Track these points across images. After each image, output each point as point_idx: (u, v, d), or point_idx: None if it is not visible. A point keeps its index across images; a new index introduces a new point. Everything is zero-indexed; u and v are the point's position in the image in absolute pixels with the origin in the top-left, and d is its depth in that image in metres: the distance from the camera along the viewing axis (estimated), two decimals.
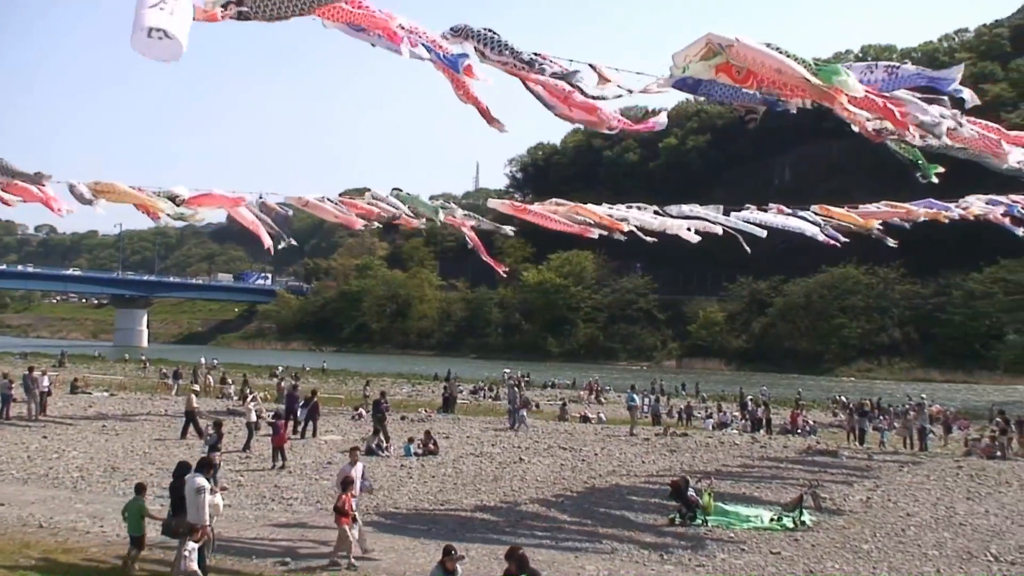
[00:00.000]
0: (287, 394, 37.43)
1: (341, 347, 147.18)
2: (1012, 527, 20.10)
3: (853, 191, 40.83)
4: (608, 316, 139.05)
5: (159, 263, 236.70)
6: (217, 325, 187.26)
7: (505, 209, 28.94)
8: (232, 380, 55.54)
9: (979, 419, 52.52)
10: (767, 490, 24.27)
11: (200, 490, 13.77)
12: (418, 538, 17.44)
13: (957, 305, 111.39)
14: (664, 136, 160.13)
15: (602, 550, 17.24)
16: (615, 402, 56.29)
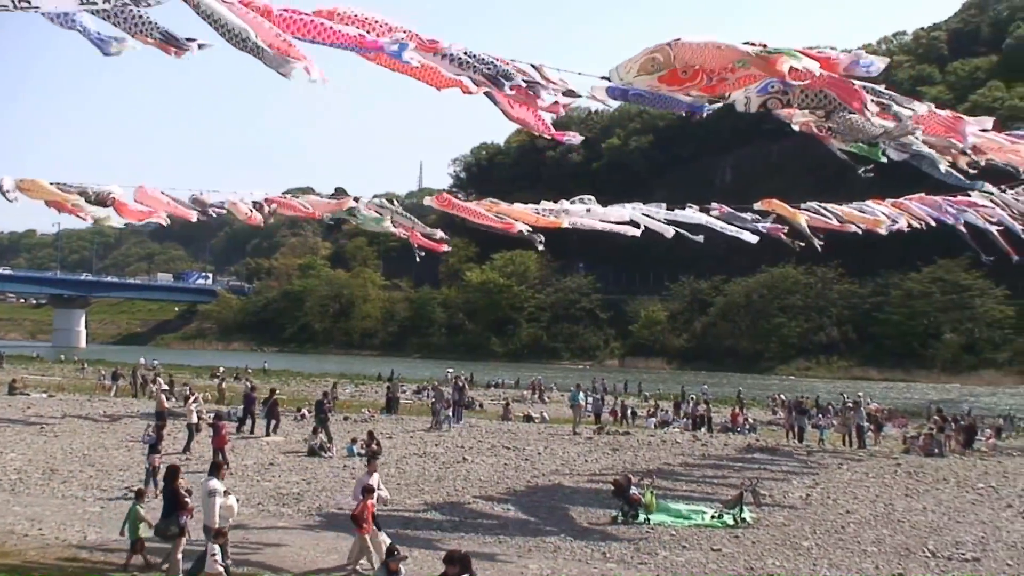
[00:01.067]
0: (244, 394, 37.31)
1: (283, 347, 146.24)
2: (950, 523, 20.49)
3: (793, 191, 41.22)
4: (551, 316, 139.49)
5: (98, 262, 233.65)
6: (157, 326, 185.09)
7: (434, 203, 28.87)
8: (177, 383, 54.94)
9: (917, 417, 53.38)
10: (708, 488, 24.55)
11: (212, 493, 13.83)
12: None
13: (895, 304, 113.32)
14: (607, 137, 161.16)
15: (545, 548, 17.36)
16: (558, 401, 56.49)
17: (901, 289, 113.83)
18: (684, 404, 50.97)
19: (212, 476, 14.21)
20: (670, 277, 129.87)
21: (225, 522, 13.91)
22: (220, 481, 14.24)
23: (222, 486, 14.11)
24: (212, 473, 14.35)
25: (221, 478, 14.46)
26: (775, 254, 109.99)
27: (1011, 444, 42.28)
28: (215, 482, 13.99)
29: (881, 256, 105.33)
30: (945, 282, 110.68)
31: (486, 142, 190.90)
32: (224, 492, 14.10)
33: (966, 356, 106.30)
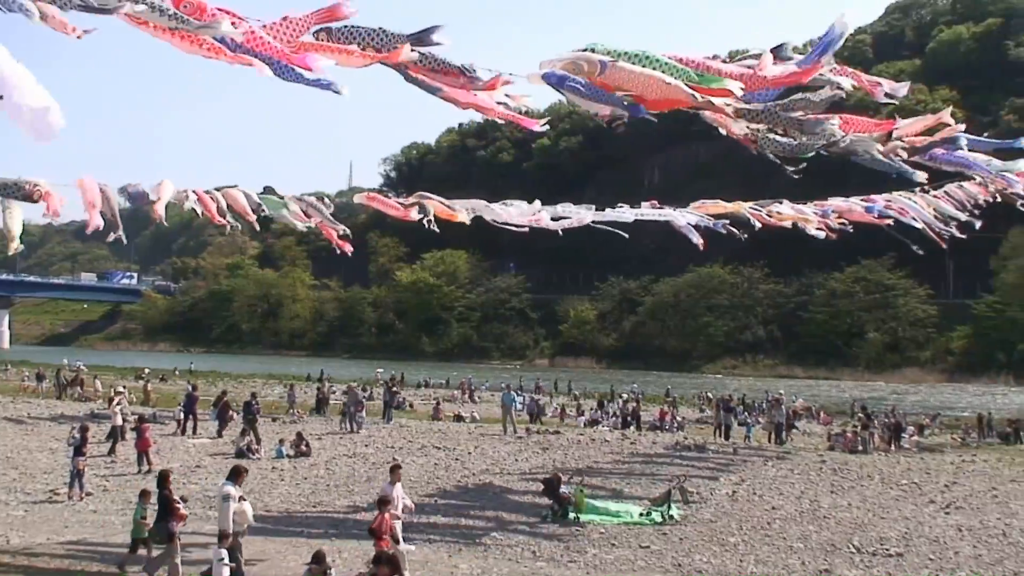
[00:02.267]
0: (186, 395, 36.97)
1: (210, 348, 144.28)
2: (874, 519, 20.84)
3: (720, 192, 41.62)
4: (482, 315, 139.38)
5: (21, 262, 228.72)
6: (81, 326, 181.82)
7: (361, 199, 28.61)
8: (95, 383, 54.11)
9: (841, 415, 54.21)
10: (637, 486, 24.70)
11: (226, 498, 13.62)
12: (290, 541, 17.33)
13: (819, 304, 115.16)
14: (537, 137, 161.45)
15: (476, 548, 17.37)
16: (489, 401, 56.56)
17: (825, 289, 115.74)
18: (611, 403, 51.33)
19: (229, 481, 14.00)
20: (599, 277, 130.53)
21: (239, 528, 13.73)
22: (237, 486, 14.06)
23: (237, 491, 13.92)
24: (230, 478, 14.12)
25: (240, 483, 14.25)
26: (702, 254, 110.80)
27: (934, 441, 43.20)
28: (229, 487, 13.80)
29: (806, 256, 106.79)
30: (868, 282, 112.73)
31: (416, 141, 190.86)
32: (239, 498, 13.94)
33: (889, 355, 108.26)
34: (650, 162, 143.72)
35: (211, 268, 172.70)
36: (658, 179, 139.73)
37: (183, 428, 34.38)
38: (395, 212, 27.13)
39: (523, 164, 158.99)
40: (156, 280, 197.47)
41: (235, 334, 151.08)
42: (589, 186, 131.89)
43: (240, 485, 14.13)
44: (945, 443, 42.45)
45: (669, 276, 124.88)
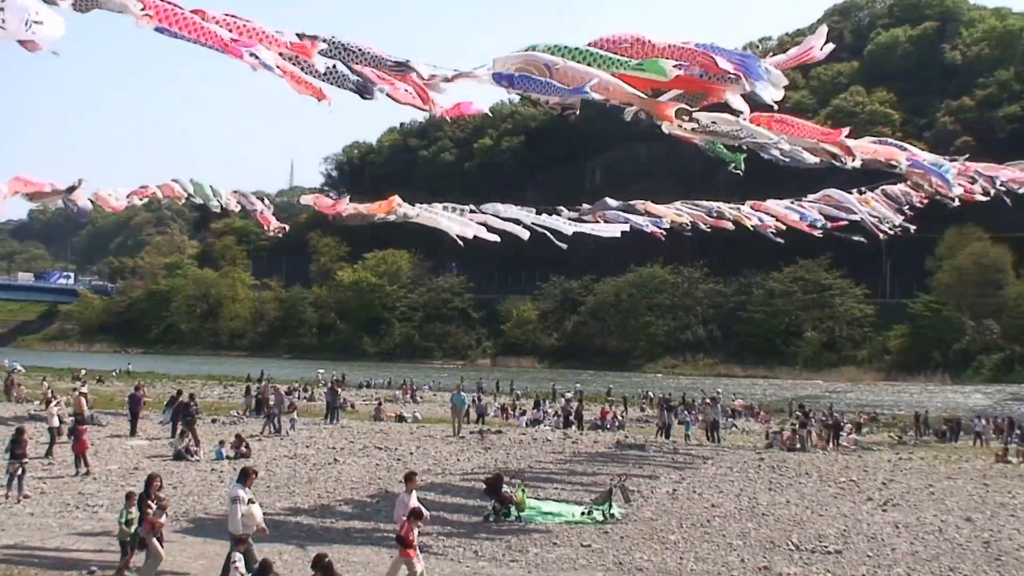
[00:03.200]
0: (130, 396, 36.41)
1: (148, 348, 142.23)
2: (812, 516, 21.08)
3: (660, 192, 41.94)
4: (424, 315, 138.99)
5: None
6: (17, 326, 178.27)
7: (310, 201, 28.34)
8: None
9: (780, 413, 54.75)
10: (578, 485, 24.78)
11: (235, 500, 13.57)
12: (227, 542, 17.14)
13: (758, 303, 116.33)
14: (479, 137, 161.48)
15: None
16: (431, 401, 56.45)
17: (764, 288, 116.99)
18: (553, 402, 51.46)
19: (239, 483, 13.94)
20: (541, 277, 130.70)
21: (249, 530, 13.60)
22: (247, 489, 13.93)
23: (246, 494, 13.80)
24: (239, 480, 14.05)
25: (249, 485, 14.15)
26: (643, 254, 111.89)
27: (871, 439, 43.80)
28: (239, 489, 13.73)
29: (745, 256, 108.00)
30: (806, 281, 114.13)
31: (358, 140, 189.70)
32: (248, 500, 13.78)
33: (826, 353, 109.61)
34: (591, 163, 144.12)
35: (149, 268, 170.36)
36: (599, 179, 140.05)
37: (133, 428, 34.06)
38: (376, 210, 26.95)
39: (465, 164, 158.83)
40: (93, 280, 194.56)
41: (173, 334, 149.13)
42: (531, 186, 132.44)
43: (249, 487, 14.03)
44: (882, 441, 43.10)
45: (610, 276, 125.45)
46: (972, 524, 20.64)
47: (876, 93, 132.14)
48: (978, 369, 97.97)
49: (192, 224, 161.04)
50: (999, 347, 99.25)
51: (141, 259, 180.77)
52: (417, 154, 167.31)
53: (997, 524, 20.74)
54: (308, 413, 45.99)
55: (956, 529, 20.04)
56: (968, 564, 16.94)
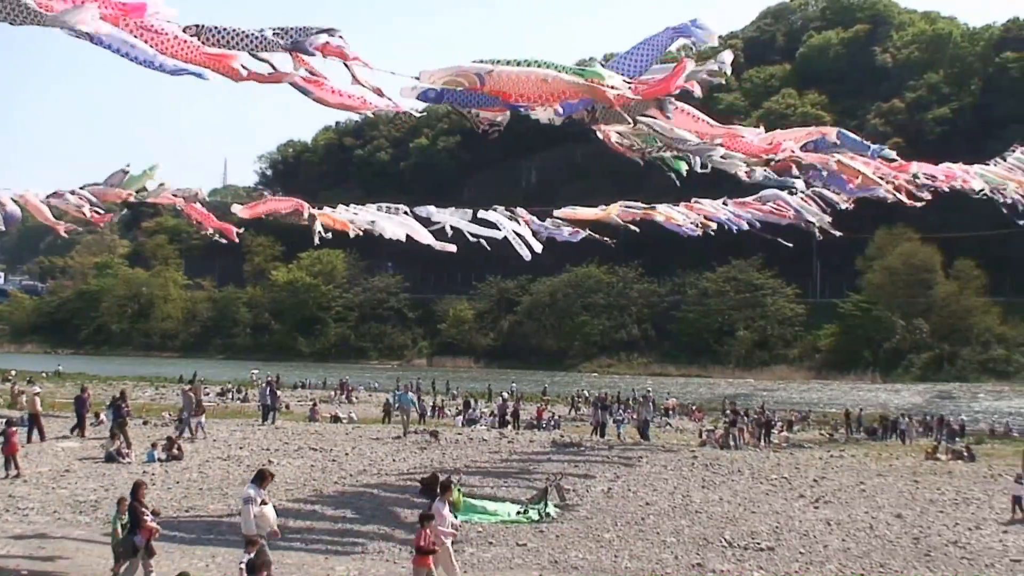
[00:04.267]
0: (76, 397, 35.84)
1: (79, 349, 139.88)
2: (744, 513, 21.32)
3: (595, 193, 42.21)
4: (359, 315, 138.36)
5: None
6: None
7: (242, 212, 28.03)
8: None
9: (713, 411, 55.25)
10: (514, 484, 24.81)
11: (247, 501, 13.41)
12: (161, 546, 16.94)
13: (691, 303, 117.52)
14: (415, 136, 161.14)
15: (353, 550, 17.24)
16: (366, 401, 56.22)
17: (697, 288, 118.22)
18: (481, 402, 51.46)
19: (253, 484, 13.79)
20: (477, 277, 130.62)
21: (262, 531, 13.43)
22: (261, 490, 13.75)
23: (259, 494, 13.61)
24: (254, 481, 13.88)
25: (264, 487, 13.97)
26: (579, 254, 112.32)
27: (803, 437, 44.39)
28: (251, 490, 13.58)
29: (678, 256, 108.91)
30: (739, 281, 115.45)
31: (293, 139, 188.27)
32: (261, 501, 13.61)
33: (759, 352, 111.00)
34: (526, 164, 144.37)
35: (79, 267, 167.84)
36: (535, 180, 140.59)
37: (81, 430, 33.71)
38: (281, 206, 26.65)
39: (400, 163, 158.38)
40: (23, 280, 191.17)
41: (104, 335, 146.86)
42: (466, 186, 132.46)
43: (264, 489, 13.86)
44: (814, 439, 43.71)
45: (546, 276, 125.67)
46: (902, 521, 20.99)
47: (808, 95, 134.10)
48: (908, 368, 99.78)
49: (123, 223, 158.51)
50: (928, 346, 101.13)
51: (71, 259, 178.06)
52: (352, 153, 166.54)
53: (927, 520, 21.12)
54: (243, 414, 45.64)
55: (887, 526, 20.37)
56: (898, 560, 17.23)
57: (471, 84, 15.72)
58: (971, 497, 24.62)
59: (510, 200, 34.25)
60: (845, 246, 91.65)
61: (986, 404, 71.77)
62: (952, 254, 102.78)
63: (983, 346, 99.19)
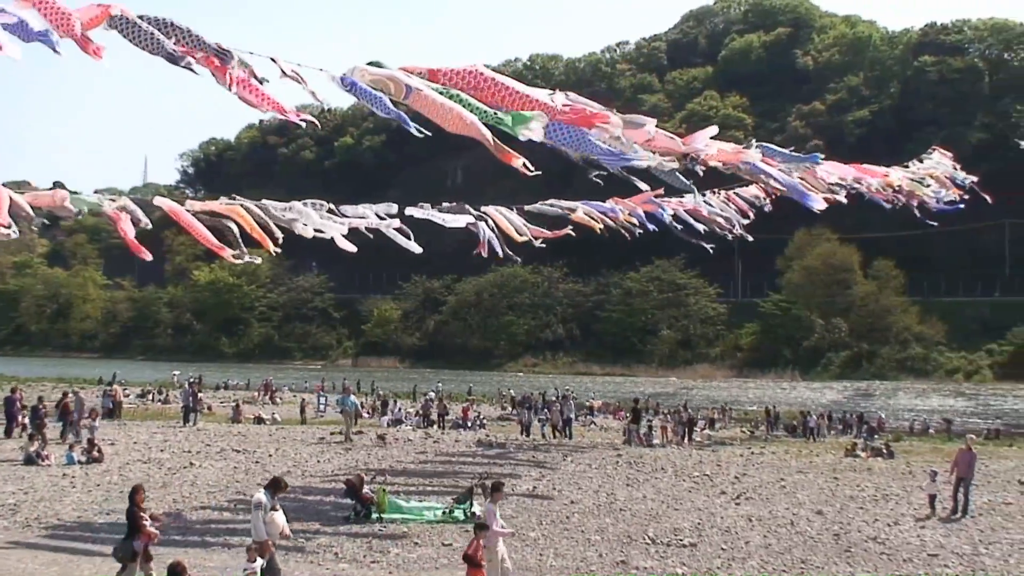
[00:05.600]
0: (6, 398, 35.25)
1: None
2: (668, 511, 21.53)
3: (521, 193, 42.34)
4: (283, 315, 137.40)
5: None
6: None
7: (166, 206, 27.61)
8: None
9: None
10: (440, 484, 24.82)
11: (257, 506, 13.15)
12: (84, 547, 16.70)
13: (615, 303, 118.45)
14: (340, 135, 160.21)
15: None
16: (290, 402, 55.76)
17: (621, 288, 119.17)
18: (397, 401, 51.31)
19: (266, 490, 13.53)
20: (403, 276, 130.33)
21: (273, 537, 13.24)
22: (272, 496, 13.48)
23: (270, 501, 13.33)
24: (268, 488, 13.65)
25: (277, 494, 13.72)
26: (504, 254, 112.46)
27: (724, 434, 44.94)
28: (262, 495, 13.32)
29: (603, 256, 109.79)
30: (662, 281, 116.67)
31: (215, 137, 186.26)
32: (271, 507, 13.35)
33: (682, 351, 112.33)
34: (453, 163, 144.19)
35: None
36: (461, 179, 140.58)
37: (8, 431, 33.36)
38: (215, 248, 26.23)
39: (325, 162, 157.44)
40: None
41: (22, 336, 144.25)
42: (392, 186, 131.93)
43: (276, 496, 13.64)
44: (735, 436, 44.28)
45: (472, 276, 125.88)
46: (823, 517, 21.35)
47: (730, 97, 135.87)
48: (827, 366, 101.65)
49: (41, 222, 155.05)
50: (847, 345, 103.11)
51: None
52: (276, 152, 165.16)
53: (847, 517, 21.49)
54: (164, 416, 45.03)
55: (807, 522, 20.70)
56: (819, 556, 17.51)
57: (397, 93, 15.82)
58: (890, 494, 25.12)
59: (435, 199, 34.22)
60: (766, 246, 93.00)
61: (905, 402, 73.25)
62: (870, 254, 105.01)
63: (901, 345, 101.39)
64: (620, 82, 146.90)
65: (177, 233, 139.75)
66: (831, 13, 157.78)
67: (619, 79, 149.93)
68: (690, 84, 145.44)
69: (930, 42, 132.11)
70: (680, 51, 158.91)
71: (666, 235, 35.42)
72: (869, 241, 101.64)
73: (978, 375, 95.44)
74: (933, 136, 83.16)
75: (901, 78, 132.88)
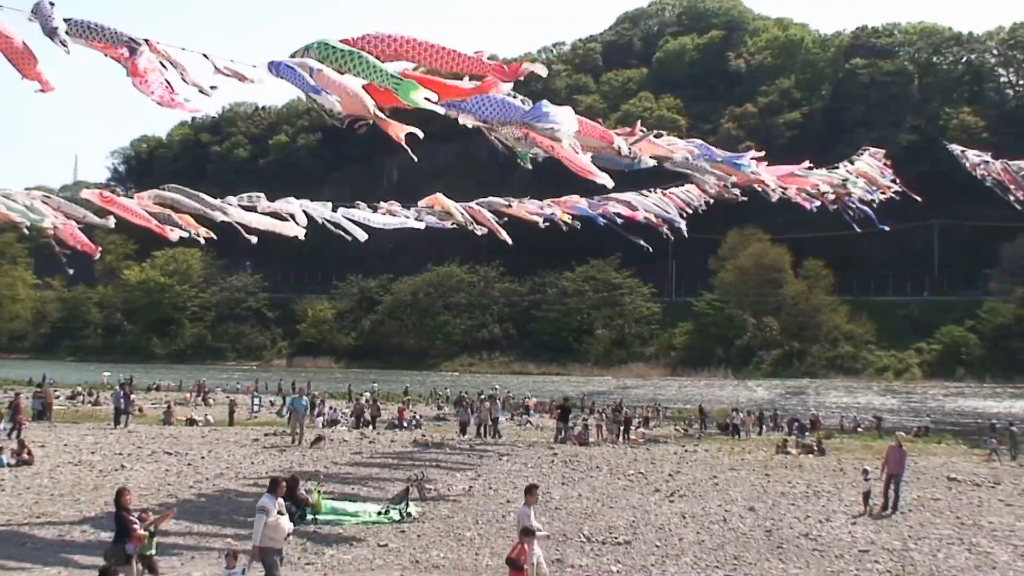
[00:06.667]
0: None
1: None
2: (603, 509, 21.69)
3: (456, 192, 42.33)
4: (216, 315, 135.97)
5: None
6: None
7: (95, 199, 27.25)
8: None
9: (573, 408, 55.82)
10: (375, 485, 24.74)
11: (260, 510, 13.04)
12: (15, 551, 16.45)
13: (551, 302, 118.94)
14: (274, 133, 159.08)
15: (210, 554, 16.98)
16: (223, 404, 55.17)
17: (557, 287, 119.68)
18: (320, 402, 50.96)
19: (269, 493, 13.37)
20: (338, 276, 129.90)
21: (275, 543, 13.13)
22: (275, 499, 13.33)
23: (275, 504, 13.17)
24: (270, 490, 13.46)
25: (278, 495, 13.52)
26: (440, 254, 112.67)
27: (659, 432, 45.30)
28: (267, 499, 13.17)
29: (539, 256, 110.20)
30: (597, 280, 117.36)
31: (147, 134, 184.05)
32: (277, 511, 13.21)
33: (616, 350, 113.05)
34: (389, 161, 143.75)
35: None
36: (397, 179, 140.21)
37: None
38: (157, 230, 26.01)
39: (260, 160, 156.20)
40: None
41: None
42: (327, 184, 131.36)
43: (279, 497, 13.51)
44: (669, 434, 44.65)
45: (408, 275, 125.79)
46: (755, 513, 21.63)
47: (664, 99, 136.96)
48: (758, 364, 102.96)
49: None
50: (778, 343, 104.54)
51: None
52: (209, 149, 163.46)
53: (778, 513, 21.80)
54: (94, 418, 44.39)
55: (740, 518, 20.97)
56: (752, 552, 17.75)
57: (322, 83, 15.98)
58: (821, 490, 25.49)
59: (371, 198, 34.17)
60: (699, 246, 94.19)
61: (835, 399, 74.33)
62: (801, 254, 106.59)
63: (831, 343, 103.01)
64: (556, 83, 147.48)
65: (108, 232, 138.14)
66: (764, 16, 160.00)
67: (555, 80, 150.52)
68: (625, 85, 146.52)
69: (861, 45, 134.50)
70: (615, 52, 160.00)
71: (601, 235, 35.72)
72: (800, 241, 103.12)
73: (907, 373, 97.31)
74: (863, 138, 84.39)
75: (832, 80, 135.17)
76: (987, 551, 18.32)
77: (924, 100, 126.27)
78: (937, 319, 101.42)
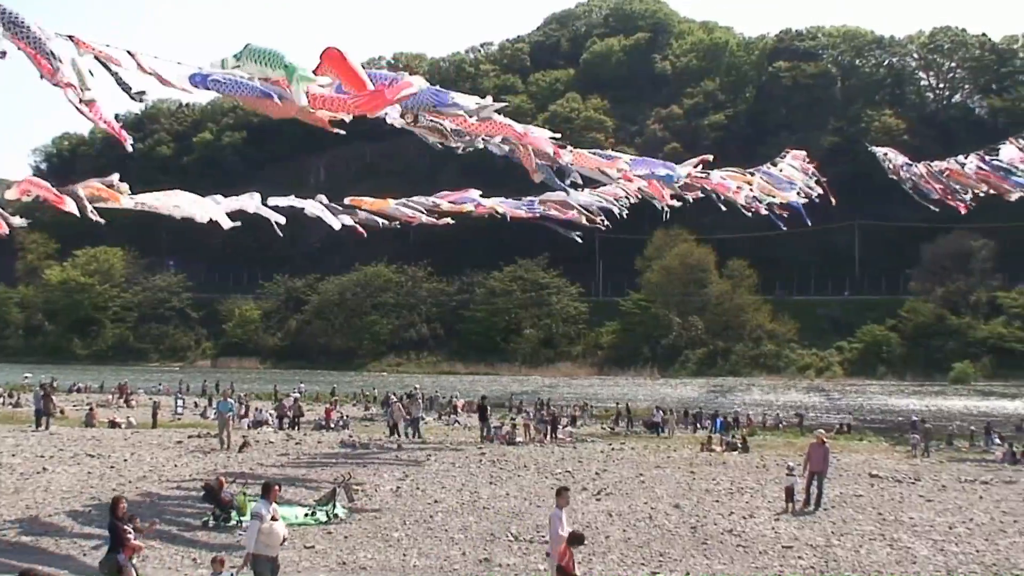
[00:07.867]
0: None
1: None
2: (530, 508, 21.82)
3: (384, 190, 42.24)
4: (139, 315, 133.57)
5: None
6: None
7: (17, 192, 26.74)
8: None
9: (499, 408, 56.01)
10: (302, 486, 24.61)
11: (254, 516, 12.99)
12: None
13: (479, 302, 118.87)
14: (199, 131, 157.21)
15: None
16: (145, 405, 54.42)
17: (485, 287, 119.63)
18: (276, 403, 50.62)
19: (262, 499, 13.33)
20: (264, 276, 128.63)
21: (270, 550, 12.99)
22: (269, 504, 13.16)
23: (268, 510, 12.97)
24: (263, 495, 13.41)
25: (272, 500, 13.35)
26: (368, 253, 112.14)
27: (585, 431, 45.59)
28: (261, 506, 13.07)
29: (467, 255, 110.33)
30: (525, 280, 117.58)
31: (68, 132, 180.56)
32: (271, 517, 13.02)
33: (544, 350, 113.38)
34: (316, 160, 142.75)
35: None
36: (324, 178, 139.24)
37: None
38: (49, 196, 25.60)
39: (184, 158, 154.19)
40: None
41: None
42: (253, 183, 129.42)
43: (272, 502, 13.39)
44: (596, 433, 44.94)
45: (335, 275, 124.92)
46: (680, 511, 21.91)
47: (591, 100, 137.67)
48: (684, 363, 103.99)
49: None
50: (703, 342, 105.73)
51: None
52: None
53: (703, 510, 22.11)
54: (15, 420, 43.55)
55: (665, 516, 21.23)
56: (677, 549, 18.00)
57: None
58: (745, 487, 25.90)
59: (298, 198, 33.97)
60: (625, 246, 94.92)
61: (758, 397, 75.34)
62: (725, 254, 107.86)
63: (755, 342, 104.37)
64: (484, 83, 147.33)
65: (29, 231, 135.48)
66: (689, 19, 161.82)
67: (483, 79, 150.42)
68: (553, 86, 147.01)
69: (785, 48, 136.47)
70: (543, 53, 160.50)
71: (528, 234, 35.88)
72: (724, 241, 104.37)
73: (829, 371, 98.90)
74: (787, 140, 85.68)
75: (756, 83, 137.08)
76: (908, 546, 18.77)
77: (846, 103, 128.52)
78: (858, 318, 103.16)
